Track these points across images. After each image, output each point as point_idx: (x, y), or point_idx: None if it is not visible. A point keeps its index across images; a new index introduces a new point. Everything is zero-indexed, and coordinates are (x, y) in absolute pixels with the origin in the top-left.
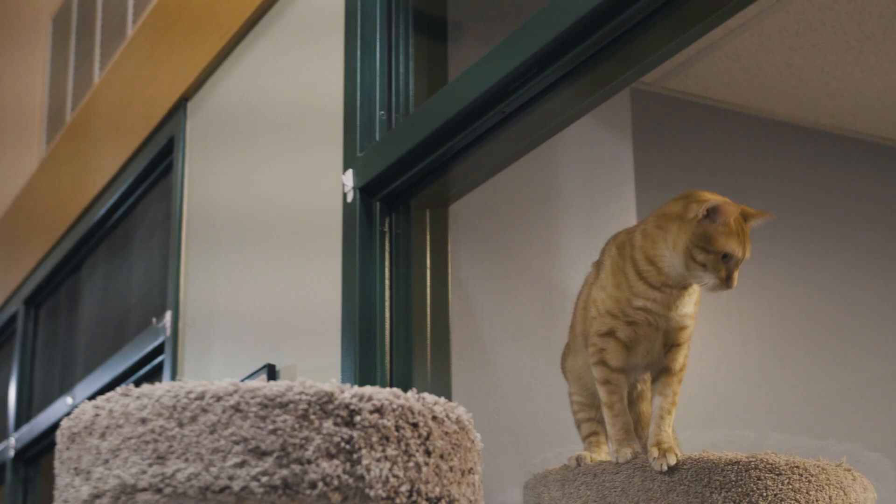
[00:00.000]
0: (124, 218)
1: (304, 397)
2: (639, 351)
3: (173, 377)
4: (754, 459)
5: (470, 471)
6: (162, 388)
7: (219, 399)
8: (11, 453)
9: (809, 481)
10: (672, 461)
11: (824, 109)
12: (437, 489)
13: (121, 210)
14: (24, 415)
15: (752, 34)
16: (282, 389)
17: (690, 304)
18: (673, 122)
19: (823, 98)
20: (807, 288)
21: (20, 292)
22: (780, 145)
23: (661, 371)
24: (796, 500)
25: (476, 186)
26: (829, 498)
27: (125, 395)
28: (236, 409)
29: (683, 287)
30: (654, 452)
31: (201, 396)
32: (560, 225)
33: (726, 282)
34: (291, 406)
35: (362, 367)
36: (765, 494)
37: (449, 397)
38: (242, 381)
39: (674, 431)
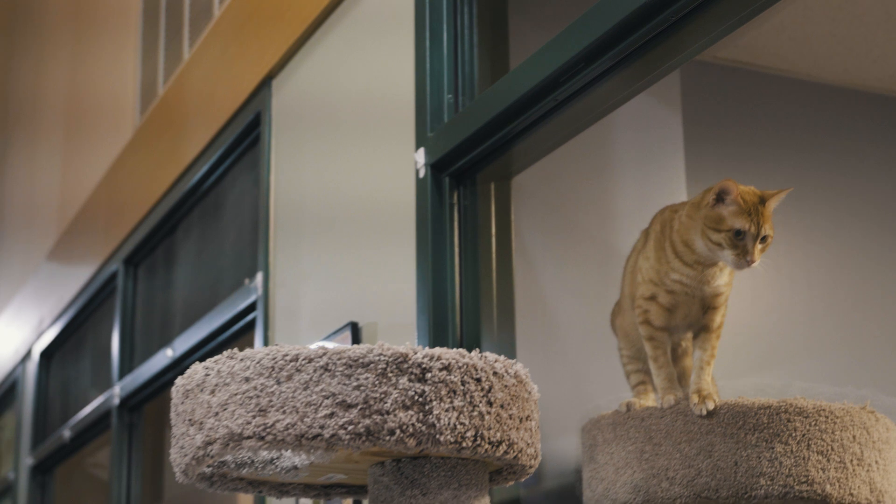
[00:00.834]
0: (215, 185)
1: (382, 358)
2: (679, 313)
3: (265, 333)
4: (784, 404)
5: (527, 418)
6: (262, 352)
7: (310, 361)
8: (116, 401)
9: (835, 422)
10: (710, 406)
11: (869, 73)
12: (498, 434)
13: (212, 178)
14: (127, 366)
15: (797, 6)
16: (363, 352)
17: (723, 277)
18: (721, 91)
19: (868, 63)
20: (853, 246)
21: (119, 252)
22: (826, 108)
23: (701, 329)
24: (822, 439)
25: (536, 161)
26: (853, 437)
27: (231, 357)
28: (325, 368)
29: (714, 264)
30: (695, 399)
31: (296, 359)
32: (614, 193)
33: (744, 257)
34: (372, 365)
35: (435, 325)
36: (794, 434)
37: (514, 352)
38: (328, 337)
39: (713, 380)
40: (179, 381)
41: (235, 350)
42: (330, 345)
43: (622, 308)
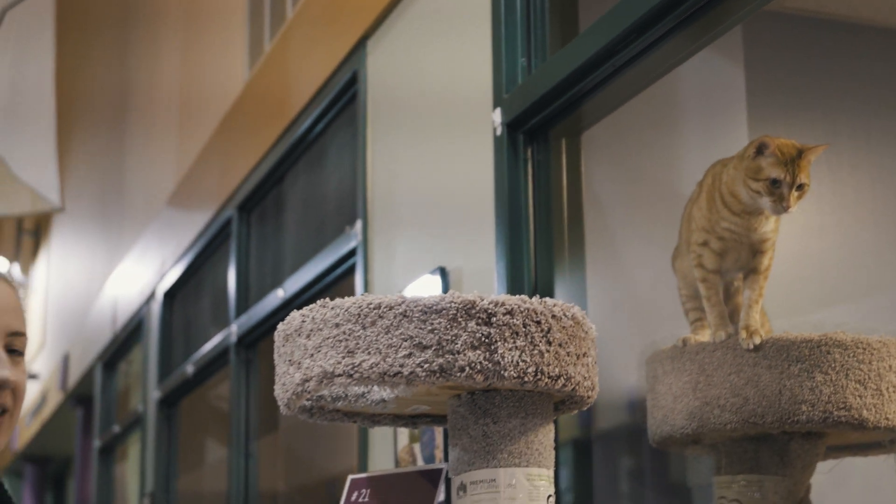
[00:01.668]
0: (318, 138)
1: (453, 305)
2: (729, 258)
3: (365, 276)
4: (824, 337)
5: (584, 354)
6: (349, 301)
7: (391, 308)
8: (234, 339)
9: (872, 353)
10: (756, 341)
11: None
12: (557, 370)
13: (315, 131)
14: (243, 305)
15: None
16: (437, 300)
17: (769, 224)
18: (784, 41)
19: None
20: None
21: (233, 199)
22: (894, 55)
23: (750, 271)
24: (860, 369)
25: (604, 117)
26: (890, 367)
27: (323, 306)
28: (404, 315)
29: (759, 212)
30: (743, 334)
31: (378, 307)
32: (679, 144)
33: (780, 203)
34: (444, 311)
35: (512, 270)
36: (833, 365)
37: (584, 294)
38: (419, 279)
39: (764, 315)
40: (280, 326)
41: (327, 299)
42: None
43: (680, 252)
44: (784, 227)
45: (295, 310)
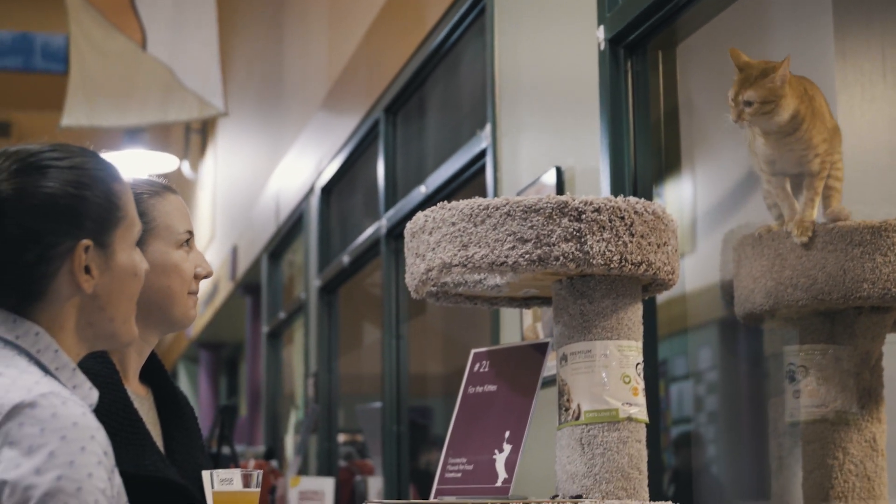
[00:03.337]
0: (453, 47)
1: (549, 204)
2: (777, 166)
3: (494, 175)
4: (884, 223)
5: (664, 244)
6: (463, 203)
7: (497, 209)
8: (384, 231)
9: None
10: (804, 239)
11: None
12: (639, 257)
13: (450, 41)
14: (391, 200)
15: None
16: (535, 201)
17: (803, 142)
18: None
19: None
20: None
21: (380, 102)
22: None
23: (806, 173)
24: None
25: (697, 29)
26: None
27: (441, 207)
28: (508, 214)
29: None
30: (795, 231)
31: (486, 207)
32: (767, 52)
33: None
34: (541, 210)
35: (614, 170)
36: (892, 248)
37: (680, 186)
38: (538, 179)
39: (841, 207)
40: (408, 225)
41: (445, 202)
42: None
43: None
44: (875, 119)
45: (432, 205)
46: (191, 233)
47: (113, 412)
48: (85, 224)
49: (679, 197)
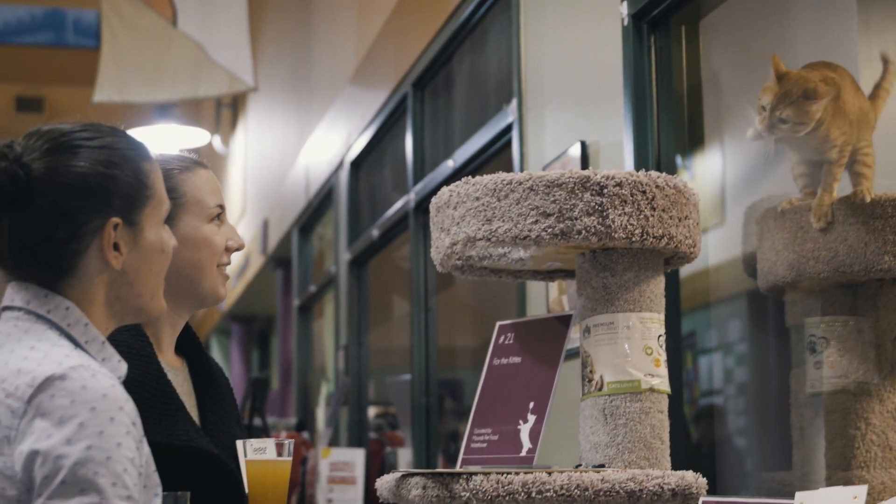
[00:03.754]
0: (480, 22)
1: (571, 179)
2: (798, 153)
3: (520, 149)
4: None
5: (686, 217)
6: (487, 178)
7: (520, 183)
8: (412, 205)
9: None
10: (822, 225)
11: None
12: (660, 231)
13: (476, 16)
14: (419, 174)
15: None
16: (557, 175)
17: (820, 139)
18: None
19: None
20: None
21: (408, 77)
22: None
23: (825, 161)
24: None
25: (720, 4)
26: None
27: (466, 182)
28: (531, 188)
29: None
30: (812, 218)
31: (510, 182)
32: (790, 25)
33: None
34: (564, 185)
35: (637, 144)
36: None
37: (707, 160)
38: (564, 153)
39: (867, 186)
40: (433, 199)
41: (469, 177)
42: None
43: None
44: None
45: (459, 180)
46: (222, 207)
47: (146, 384)
48: (114, 202)
49: (707, 170)
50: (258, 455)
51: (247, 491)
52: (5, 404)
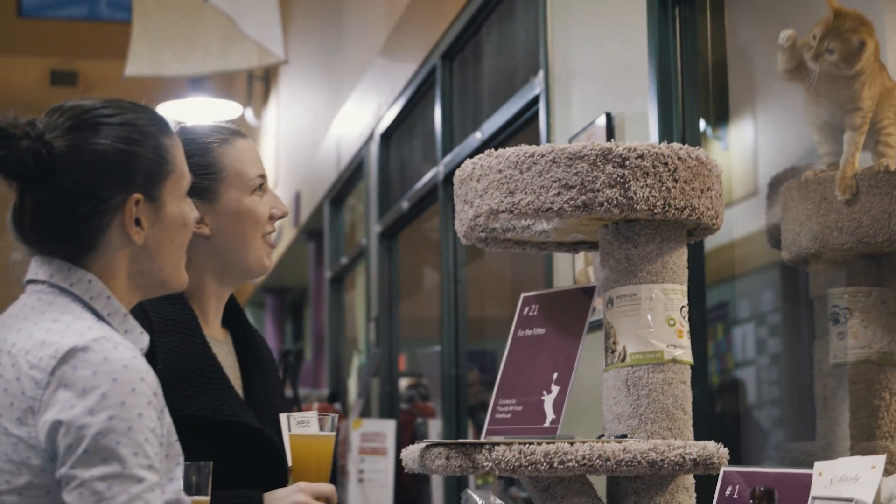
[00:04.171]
0: None
1: (593, 151)
2: (822, 116)
3: (547, 121)
4: None
5: (708, 189)
6: (509, 151)
7: (543, 156)
8: (441, 177)
9: None
10: (847, 196)
11: None
12: (682, 202)
13: None
14: (448, 146)
15: None
16: (579, 148)
17: (852, 91)
18: None
19: None
20: None
21: (437, 49)
22: None
23: (848, 127)
24: None
25: None
26: None
27: (489, 155)
28: (553, 161)
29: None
30: (837, 190)
31: (532, 154)
32: None
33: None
34: (586, 157)
35: (662, 115)
36: None
37: (727, 133)
38: (590, 125)
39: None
40: (457, 172)
41: (492, 150)
42: None
43: None
44: None
45: (485, 151)
46: (263, 176)
47: (192, 358)
48: (136, 179)
49: (738, 141)
50: (302, 430)
51: (290, 465)
52: (29, 375)
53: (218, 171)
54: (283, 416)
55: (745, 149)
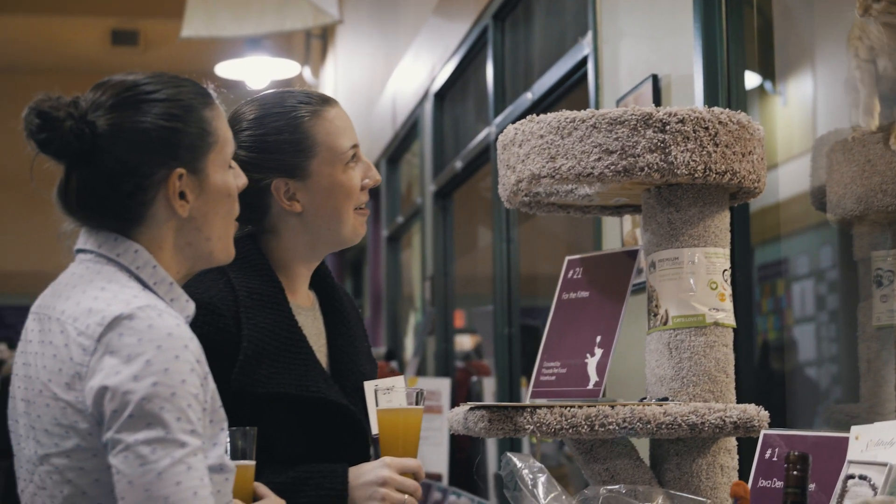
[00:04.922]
0: None
1: (633, 116)
2: (881, 61)
3: (596, 82)
4: None
5: (749, 153)
6: (550, 116)
7: (584, 121)
8: (493, 137)
9: None
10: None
11: None
12: (723, 167)
13: None
14: (500, 106)
15: None
16: (620, 113)
17: None
18: None
19: None
20: None
21: (489, 9)
22: None
23: None
24: None
25: None
26: None
27: (530, 121)
28: (594, 126)
29: None
30: (892, 139)
31: (573, 120)
32: None
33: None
34: (626, 122)
35: (707, 77)
36: None
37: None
38: (637, 87)
39: None
40: (500, 138)
41: (534, 115)
42: None
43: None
44: None
45: (538, 112)
46: (356, 146)
47: (277, 332)
48: (179, 154)
49: (794, 98)
50: (389, 403)
51: (377, 436)
52: (77, 342)
53: (310, 148)
54: (368, 385)
55: (804, 105)
